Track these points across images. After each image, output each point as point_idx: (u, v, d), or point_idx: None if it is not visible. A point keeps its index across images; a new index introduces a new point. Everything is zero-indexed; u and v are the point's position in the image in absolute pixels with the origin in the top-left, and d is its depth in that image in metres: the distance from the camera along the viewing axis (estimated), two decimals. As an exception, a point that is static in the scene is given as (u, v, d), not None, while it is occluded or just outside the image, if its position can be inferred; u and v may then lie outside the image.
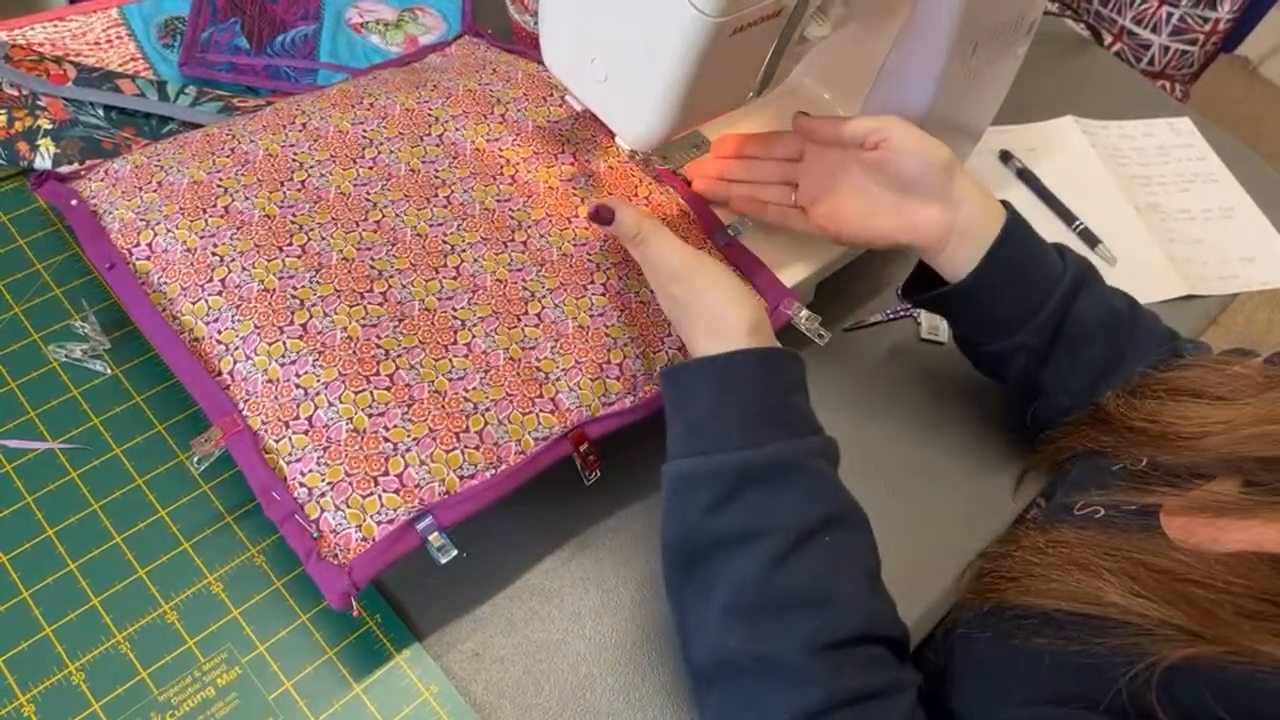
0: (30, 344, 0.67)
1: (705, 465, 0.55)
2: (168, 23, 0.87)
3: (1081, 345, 0.67)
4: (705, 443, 0.56)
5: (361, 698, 0.58)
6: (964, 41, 0.73)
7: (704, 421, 0.56)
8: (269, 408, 0.58)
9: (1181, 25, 1.52)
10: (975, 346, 0.72)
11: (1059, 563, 0.52)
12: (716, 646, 0.52)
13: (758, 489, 0.54)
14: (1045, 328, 0.66)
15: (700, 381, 0.57)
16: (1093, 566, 0.51)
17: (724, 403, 0.56)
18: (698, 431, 0.56)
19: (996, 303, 0.67)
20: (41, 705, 0.55)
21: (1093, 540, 0.53)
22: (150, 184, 0.66)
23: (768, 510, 0.53)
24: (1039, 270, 0.67)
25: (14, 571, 0.58)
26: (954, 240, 0.66)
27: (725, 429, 0.56)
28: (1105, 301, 0.68)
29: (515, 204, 0.70)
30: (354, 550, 0.55)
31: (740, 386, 0.56)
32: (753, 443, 0.54)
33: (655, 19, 0.56)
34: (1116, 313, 0.68)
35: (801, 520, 0.53)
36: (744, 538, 0.53)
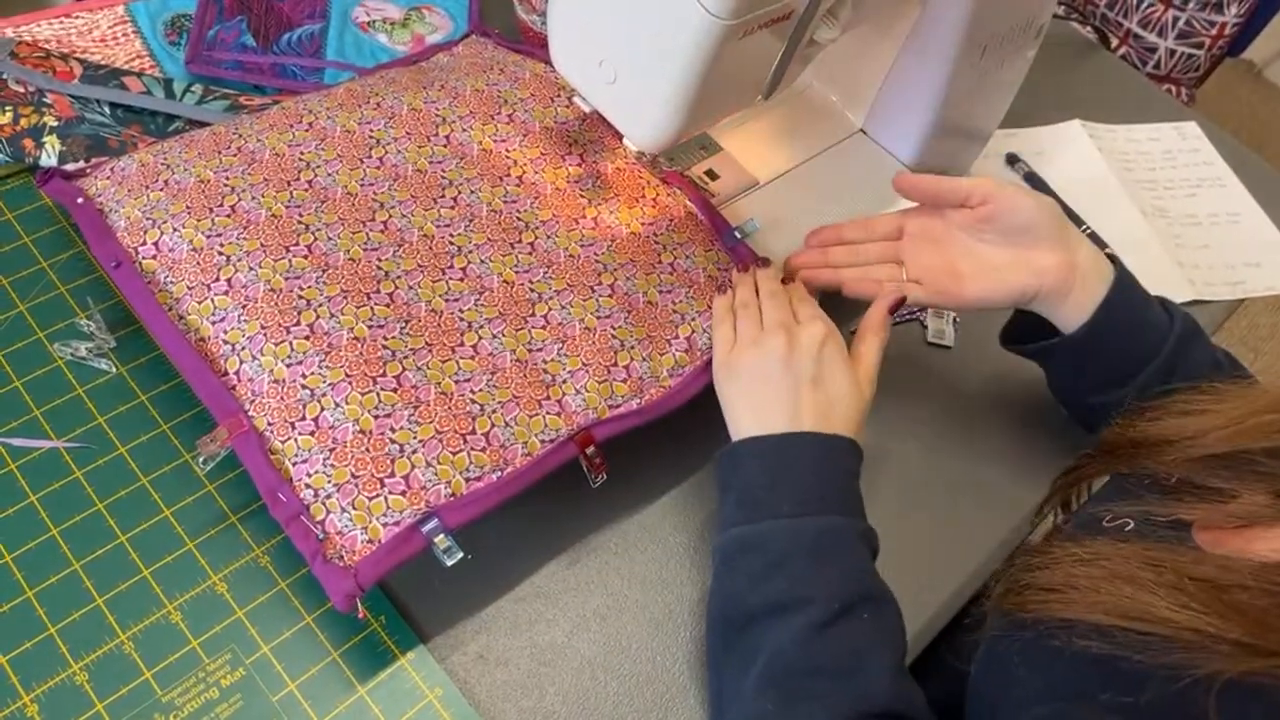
0: (35, 342, 0.67)
1: (755, 533, 0.56)
2: (174, 20, 0.87)
3: None
4: (756, 512, 0.57)
5: (366, 700, 0.57)
6: (973, 45, 0.73)
7: (756, 493, 0.57)
8: (275, 408, 0.58)
9: (1188, 29, 1.52)
10: (1078, 397, 0.72)
11: (1103, 576, 0.52)
12: (750, 713, 0.53)
13: (805, 558, 0.55)
14: (1152, 380, 0.65)
15: (756, 454, 0.59)
16: (1138, 579, 0.50)
17: (779, 476, 0.57)
18: (749, 503, 0.58)
19: (1109, 353, 0.67)
20: (45, 705, 0.54)
21: (1134, 552, 0.52)
22: (157, 182, 0.66)
23: (813, 580, 0.54)
24: (1149, 320, 0.66)
25: (18, 571, 0.58)
26: (1079, 283, 0.65)
27: (778, 500, 0.57)
28: (1210, 355, 0.68)
29: (522, 205, 0.70)
30: (360, 552, 0.55)
31: (796, 463, 0.58)
32: (804, 513, 0.56)
33: (665, 21, 0.56)
34: (1219, 366, 0.68)
35: (845, 592, 0.54)
36: (787, 606, 0.54)
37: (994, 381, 0.80)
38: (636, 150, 0.71)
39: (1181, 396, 0.62)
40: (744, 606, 0.55)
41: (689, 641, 0.63)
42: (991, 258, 0.67)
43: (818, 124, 0.84)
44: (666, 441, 0.70)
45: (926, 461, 0.75)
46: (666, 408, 0.65)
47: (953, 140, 0.85)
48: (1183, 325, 0.67)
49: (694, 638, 0.63)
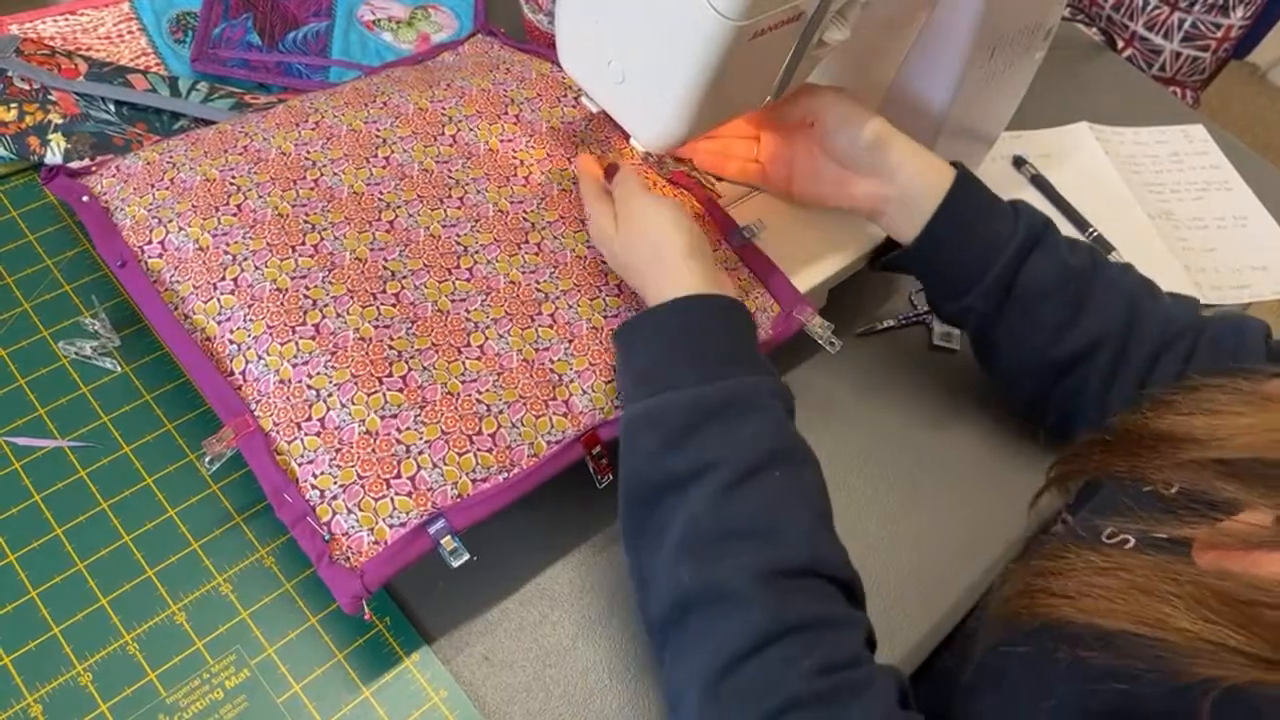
0: (40, 340, 0.67)
1: (653, 406, 0.55)
2: (179, 18, 0.86)
3: (1033, 306, 0.67)
4: (656, 385, 0.56)
5: (370, 701, 0.57)
6: (982, 47, 0.73)
7: (653, 367, 0.57)
8: (281, 408, 0.58)
9: (1193, 31, 1.52)
10: (936, 307, 0.73)
11: (1121, 586, 0.51)
12: (668, 587, 0.52)
13: (711, 424, 0.53)
14: (993, 291, 0.67)
15: (647, 333, 0.58)
16: (1157, 591, 0.49)
17: (673, 346, 0.57)
18: (647, 378, 0.57)
19: (944, 265, 0.69)
20: (49, 706, 0.54)
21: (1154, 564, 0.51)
22: (162, 181, 0.66)
23: (720, 444, 0.53)
24: (987, 233, 0.67)
25: (22, 571, 0.58)
26: (893, 209, 0.68)
27: (676, 370, 0.56)
28: (1060, 262, 0.67)
29: (529, 205, 0.70)
30: (366, 553, 0.54)
31: (687, 330, 0.57)
32: (705, 379, 0.55)
33: (675, 21, 0.56)
34: (1071, 271, 0.67)
35: (753, 453, 0.53)
36: (693, 474, 0.53)
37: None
38: (644, 150, 0.71)
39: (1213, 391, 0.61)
40: (652, 480, 0.54)
41: (695, 644, 0.63)
42: (822, 169, 0.71)
43: (825, 125, 0.83)
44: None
45: (929, 463, 0.75)
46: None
47: (960, 142, 0.85)
48: (1026, 234, 0.67)
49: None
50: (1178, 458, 0.59)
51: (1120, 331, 0.67)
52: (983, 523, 0.73)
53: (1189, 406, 0.61)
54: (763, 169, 0.74)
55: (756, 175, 0.74)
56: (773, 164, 0.74)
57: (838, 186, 0.70)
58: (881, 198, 0.68)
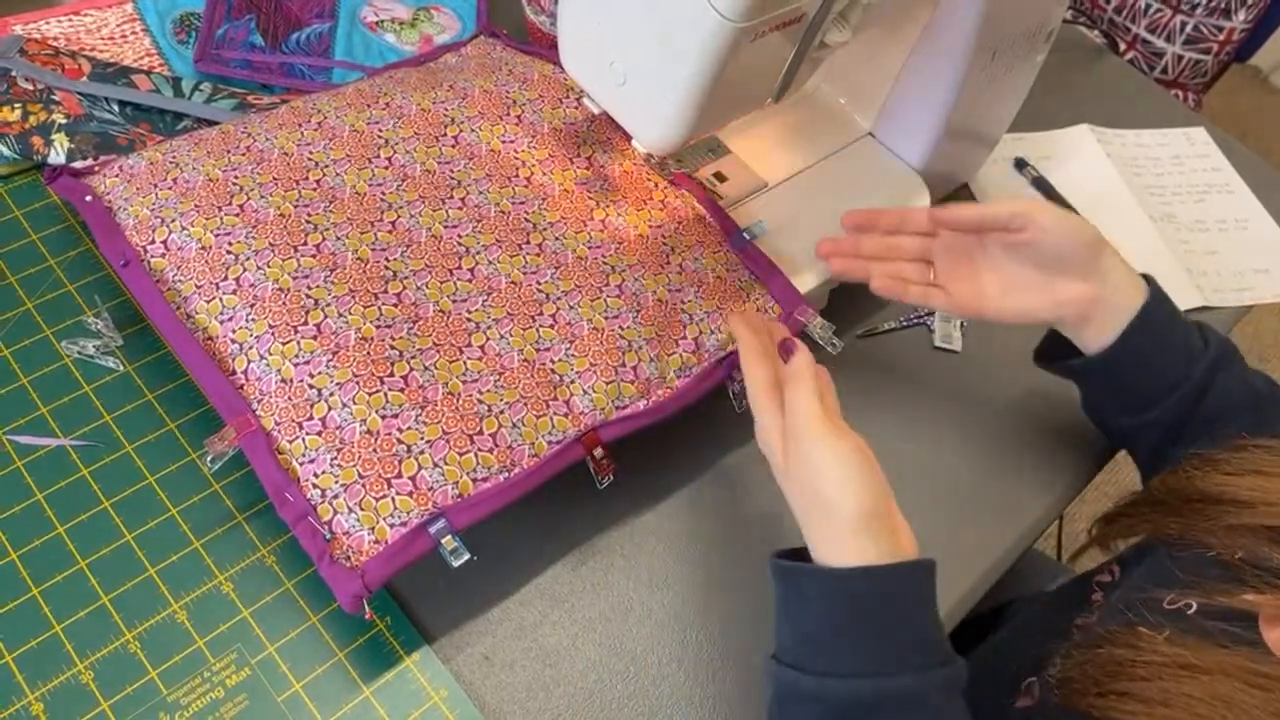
0: (43, 339, 0.67)
1: (812, 687, 0.51)
2: (183, 19, 0.86)
3: (1215, 425, 0.64)
4: (816, 659, 0.52)
5: (371, 700, 0.57)
6: (984, 49, 0.73)
7: (814, 638, 0.52)
8: (282, 408, 0.58)
9: (1195, 34, 1.52)
10: (1107, 419, 0.71)
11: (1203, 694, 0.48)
12: None
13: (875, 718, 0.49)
14: (1182, 405, 0.65)
15: (811, 589, 0.53)
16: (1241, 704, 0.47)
17: (837, 622, 0.51)
18: (809, 643, 0.52)
19: (1134, 377, 0.66)
20: (50, 704, 0.54)
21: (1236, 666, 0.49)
22: (165, 181, 0.66)
23: None
24: (1180, 345, 0.65)
25: (24, 569, 0.58)
26: (1101, 314, 0.65)
27: (837, 653, 0.51)
28: (1244, 379, 0.66)
29: (530, 206, 0.70)
30: (367, 553, 0.55)
31: (855, 607, 0.51)
32: (867, 671, 0.50)
33: (677, 23, 0.56)
34: (1256, 393, 0.66)
35: None
36: None
37: (1000, 387, 0.80)
38: (645, 152, 0.71)
39: (1260, 453, 0.60)
40: None
41: (694, 644, 0.63)
42: (1018, 279, 0.67)
43: (826, 127, 0.84)
44: (672, 444, 0.70)
45: (930, 465, 0.75)
46: (673, 409, 0.64)
47: (961, 144, 0.85)
48: (1216, 352, 0.65)
49: (699, 640, 0.63)
50: (1227, 521, 0.58)
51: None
52: (983, 525, 0.73)
53: (1235, 467, 0.60)
54: (944, 291, 0.69)
55: (939, 298, 0.69)
56: (956, 281, 0.69)
57: (1044, 293, 0.66)
58: (1095, 300, 0.65)
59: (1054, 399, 0.75)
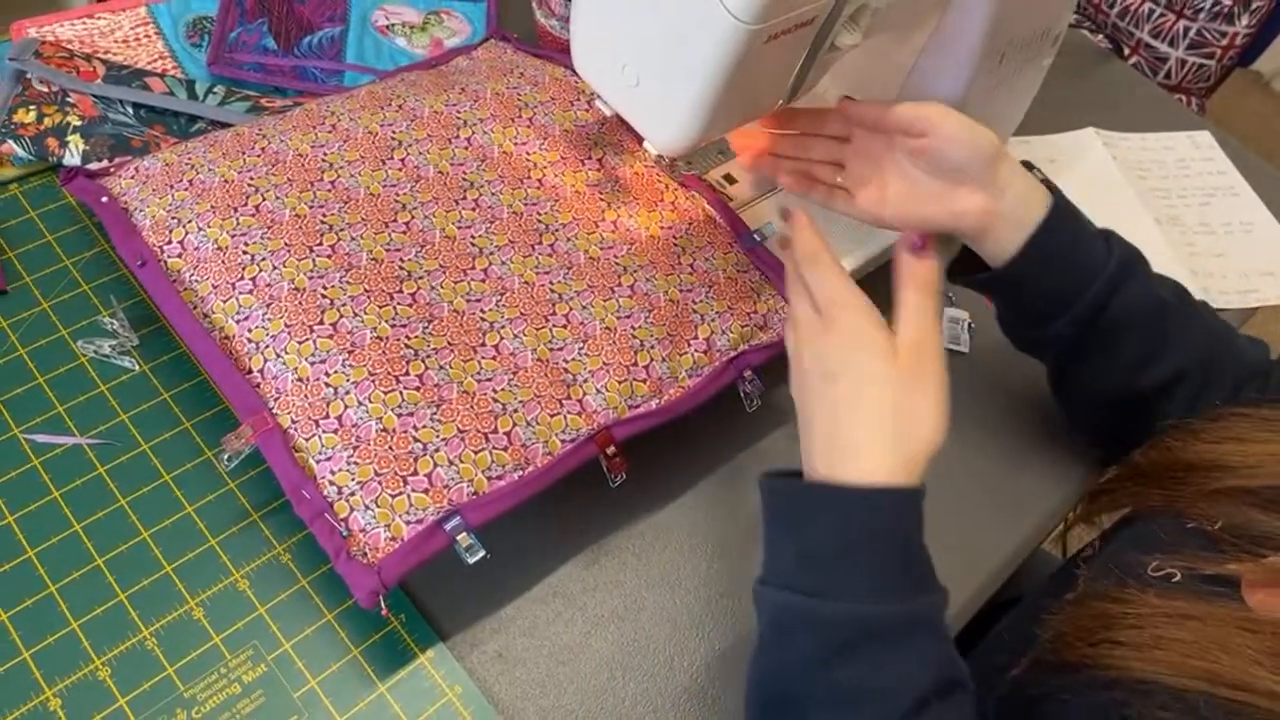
0: (59, 339, 0.67)
1: (818, 611, 0.50)
2: (196, 22, 0.87)
3: (1117, 337, 0.65)
4: (824, 583, 0.51)
5: (386, 697, 0.58)
6: (992, 52, 0.73)
7: (826, 558, 0.51)
8: (299, 406, 0.58)
9: (1199, 39, 1.53)
10: (1014, 331, 0.72)
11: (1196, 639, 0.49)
12: None
13: (873, 647, 0.49)
14: (1081, 319, 0.65)
15: (830, 515, 0.52)
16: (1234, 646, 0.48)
17: (853, 544, 0.51)
18: (816, 566, 0.51)
19: (1035, 290, 0.66)
20: (68, 700, 0.55)
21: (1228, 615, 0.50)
22: (181, 182, 0.66)
23: (881, 673, 0.49)
24: (1082, 259, 0.65)
25: (41, 566, 0.59)
26: (998, 226, 0.65)
27: (851, 574, 0.51)
28: (1150, 293, 0.66)
29: (543, 208, 0.70)
30: (383, 549, 0.55)
31: (874, 529, 0.51)
32: (879, 595, 0.50)
33: (690, 25, 0.56)
34: (1160, 303, 0.66)
35: (917, 686, 0.49)
36: (850, 700, 0.49)
37: (1009, 387, 0.81)
38: (656, 154, 0.72)
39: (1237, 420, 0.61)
40: (796, 691, 0.51)
41: (706, 642, 0.63)
42: (918, 185, 0.67)
43: (834, 130, 0.84)
44: (684, 443, 0.70)
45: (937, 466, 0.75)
46: (685, 408, 0.65)
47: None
48: (1119, 264, 0.65)
49: (711, 639, 0.64)
50: (1208, 486, 0.59)
51: (1202, 366, 0.66)
52: (989, 526, 0.73)
53: (1214, 435, 0.61)
54: (848, 194, 0.70)
55: (842, 201, 0.70)
56: (861, 185, 0.70)
57: (942, 203, 0.66)
58: (990, 212, 0.65)
59: (1060, 401, 0.76)
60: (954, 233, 0.67)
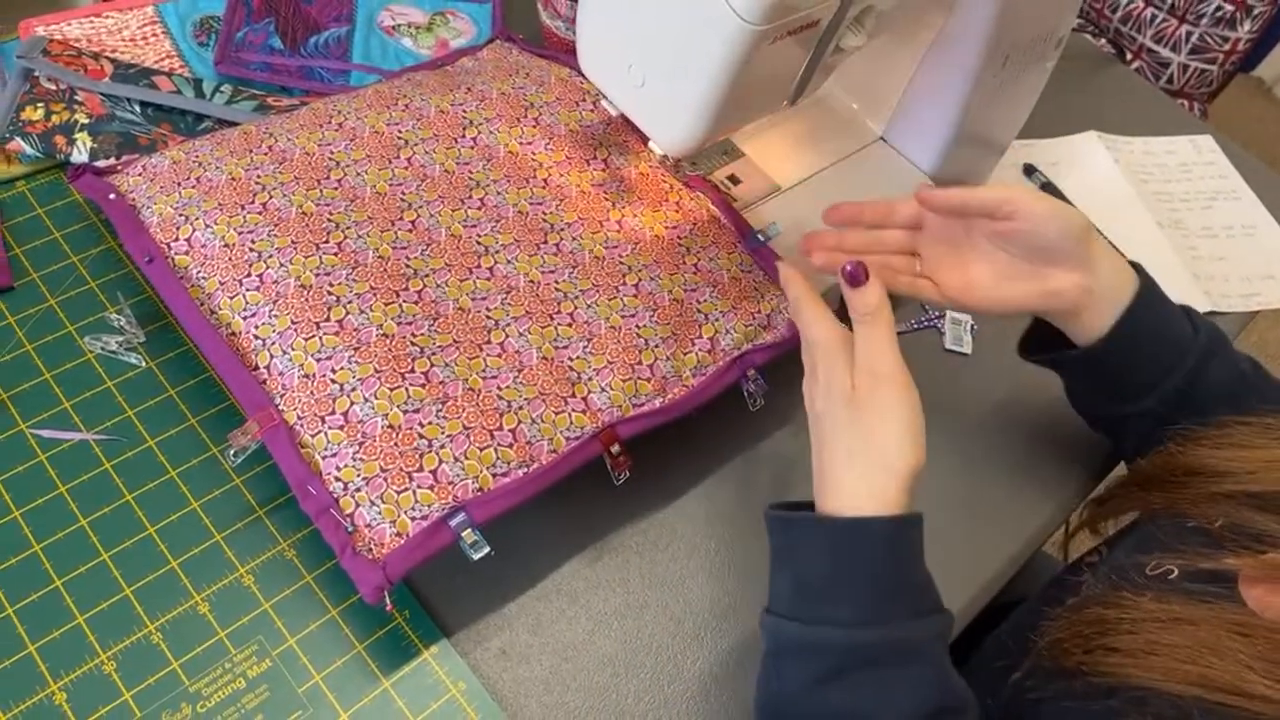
0: (65, 335, 0.68)
1: (812, 637, 0.52)
2: (203, 21, 0.88)
3: (1205, 413, 0.64)
4: (815, 609, 0.52)
5: (390, 693, 0.58)
6: (996, 55, 0.74)
7: (816, 589, 0.53)
8: (305, 402, 0.59)
9: (1201, 44, 1.53)
10: (1093, 407, 0.71)
11: (1188, 643, 0.49)
12: None
13: (870, 671, 0.51)
14: (1169, 398, 0.65)
15: (820, 545, 0.53)
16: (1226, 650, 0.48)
17: (844, 573, 0.52)
18: (809, 595, 0.53)
19: (1124, 368, 0.66)
20: (73, 694, 0.55)
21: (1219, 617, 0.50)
22: (189, 180, 0.67)
23: (879, 696, 0.50)
24: (1171, 336, 0.65)
25: (47, 560, 0.59)
26: (1092, 305, 0.64)
27: (841, 603, 0.52)
28: (1234, 366, 0.66)
29: (548, 207, 0.71)
30: (388, 545, 0.55)
31: (865, 558, 0.52)
32: (873, 620, 0.51)
33: (697, 26, 0.57)
34: (1243, 377, 0.66)
35: (916, 710, 0.50)
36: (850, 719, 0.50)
37: (1011, 390, 0.81)
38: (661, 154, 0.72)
39: (1239, 428, 0.61)
40: (798, 709, 0.52)
41: (709, 641, 0.64)
42: (1006, 269, 0.65)
43: (838, 132, 0.84)
44: (687, 442, 0.70)
45: (940, 469, 0.76)
46: (688, 406, 0.65)
47: (971, 150, 0.86)
48: (1207, 339, 0.65)
49: (714, 637, 0.64)
50: (1209, 490, 0.59)
51: None
52: (991, 528, 0.73)
53: (1216, 441, 0.61)
54: (933, 284, 0.68)
55: (928, 289, 0.67)
56: (944, 272, 0.67)
57: (1036, 283, 0.64)
58: (1084, 290, 0.63)
59: (1063, 402, 0.76)
60: (1044, 313, 0.66)
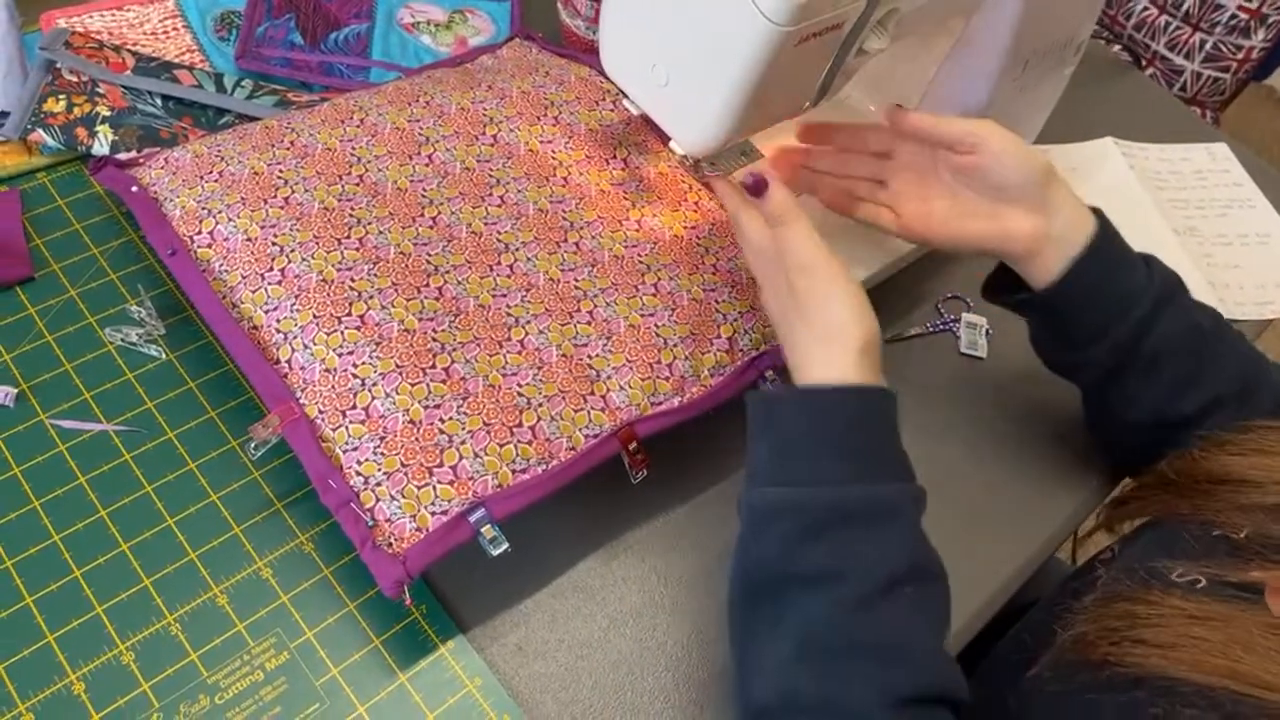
0: (86, 326, 0.68)
1: (793, 496, 0.53)
2: (223, 16, 0.88)
3: (1157, 364, 0.65)
4: (795, 472, 0.54)
5: (407, 687, 0.58)
6: (1017, 59, 0.74)
7: (796, 450, 0.54)
8: (326, 396, 0.59)
9: (1214, 53, 1.53)
10: (1049, 353, 0.71)
11: (1220, 640, 0.49)
12: (781, 687, 0.50)
13: (848, 528, 0.52)
14: (1121, 345, 0.65)
15: (796, 408, 0.55)
16: (1259, 647, 0.48)
17: (821, 434, 0.54)
18: (787, 459, 0.54)
19: (1076, 315, 0.66)
20: (91, 684, 0.55)
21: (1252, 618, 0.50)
22: (211, 173, 0.67)
23: (856, 552, 0.51)
24: (1124, 284, 0.65)
25: (66, 551, 0.59)
26: (1046, 250, 0.64)
27: (819, 461, 0.53)
28: (1188, 319, 0.66)
29: (568, 205, 0.71)
30: (408, 540, 0.55)
31: (840, 420, 0.54)
32: (850, 479, 0.53)
33: (723, 26, 0.57)
34: (1198, 330, 0.66)
35: (891, 566, 0.51)
36: (826, 577, 0.51)
37: (1026, 394, 0.81)
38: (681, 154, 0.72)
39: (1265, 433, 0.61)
40: (775, 573, 0.53)
41: (724, 642, 0.64)
42: (965, 205, 0.65)
43: (856, 134, 0.84)
44: (705, 443, 0.70)
45: (954, 472, 0.76)
46: (706, 406, 0.65)
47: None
48: (1161, 288, 0.65)
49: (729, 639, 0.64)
50: (1237, 501, 0.59)
51: (1238, 394, 0.66)
52: (1004, 533, 0.73)
53: (1240, 448, 0.61)
54: (891, 212, 0.69)
55: (888, 218, 0.69)
56: (906, 203, 0.68)
57: (990, 223, 0.65)
58: (1040, 234, 0.64)
59: (1077, 408, 0.76)
60: (999, 254, 0.67)
